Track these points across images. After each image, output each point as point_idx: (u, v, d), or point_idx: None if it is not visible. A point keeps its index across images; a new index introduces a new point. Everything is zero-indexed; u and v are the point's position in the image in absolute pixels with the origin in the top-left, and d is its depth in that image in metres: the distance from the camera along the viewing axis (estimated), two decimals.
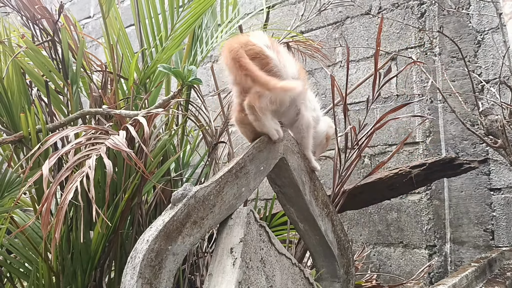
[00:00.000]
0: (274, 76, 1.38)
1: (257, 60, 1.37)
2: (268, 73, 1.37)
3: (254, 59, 1.36)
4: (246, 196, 1.51)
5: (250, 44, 1.38)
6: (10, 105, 1.80)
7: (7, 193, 1.70)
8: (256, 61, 1.36)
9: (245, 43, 1.38)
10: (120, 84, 2.07)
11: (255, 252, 1.44)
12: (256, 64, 1.35)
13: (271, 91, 1.33)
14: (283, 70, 1.42)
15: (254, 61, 1.35)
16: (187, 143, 2.26)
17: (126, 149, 1.35)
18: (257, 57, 1.37)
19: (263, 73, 1.34)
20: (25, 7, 1.85)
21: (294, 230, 1.89)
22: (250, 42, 1.39)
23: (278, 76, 1.40)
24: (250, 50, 1.37)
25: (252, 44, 1.38)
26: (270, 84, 1.32)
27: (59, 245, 1.66)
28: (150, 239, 1.26)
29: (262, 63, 1.38)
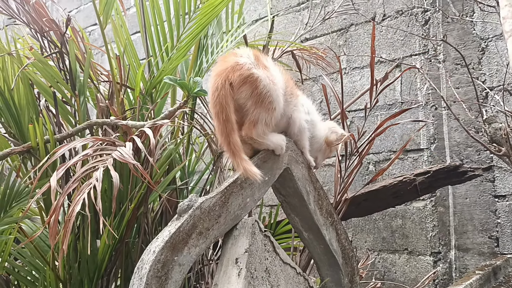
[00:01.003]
0: (265, 97, 1.41)
1: (247, 84, 1.40)
2: (259, 95, 1.40)
3: (244, 84, 1.39)
4: (251, 206, 1.53)
5: (238, 68, 1.40)
6: (19, 116, 1.83)
7: (15, 203, 1.73)
8: (246, 85, 1.39)
9: (233, 67, 1.40)
10: (127, 94, 2.09)
11: (260, 262, 1.45)
12: (247, 88, 1.39)
13: (236, 165, 1.38)
14: (272, 87, 1.44)
15: (244, 85, 1.39)
16: (192, 152, 2.29)
17: (132, 161, 1.37)
18: (247, 82, 1.40)
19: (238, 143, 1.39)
20: (33, 20, 1.88)
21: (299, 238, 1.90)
22: (238, 65, 1.41)
23: (269, 95, 1.43)
24: (239, 76, 1.39)
25: (240, 67, 1.40)
26: (236, 160, 1.38)
27: (66, 254, 1.69)
28: (156, 250, 1.28)
29: (252, 87, 1.41)
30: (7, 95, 1.81)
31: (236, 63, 1.41)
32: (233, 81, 1.39)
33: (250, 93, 1.40)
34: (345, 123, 2.07)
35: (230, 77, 1.38)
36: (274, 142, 1.52)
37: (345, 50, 3.61)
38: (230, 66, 1.40)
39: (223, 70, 1.40)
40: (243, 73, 1.40)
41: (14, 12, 1.93)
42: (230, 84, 1.38)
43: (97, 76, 2.15)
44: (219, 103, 1.37)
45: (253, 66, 1.42)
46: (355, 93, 3.53)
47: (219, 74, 1.40)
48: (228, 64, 1.42)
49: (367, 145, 2.05)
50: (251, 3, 4.19)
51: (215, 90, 1.39)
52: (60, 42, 1.90)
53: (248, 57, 1.45)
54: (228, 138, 1.38)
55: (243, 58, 1.43)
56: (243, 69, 1.40)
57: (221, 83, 1.38)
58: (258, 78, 1.41)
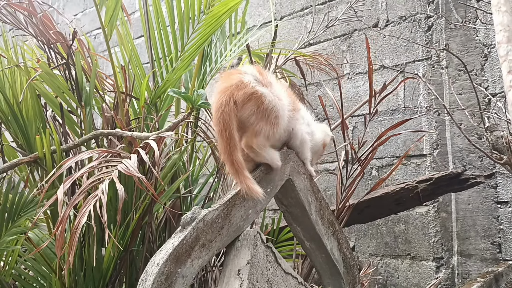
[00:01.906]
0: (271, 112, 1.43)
1: (252, 101, 1.41)
2: (265, 110, 1.42)
3: (249, 101, 1.41)
4: (253, 218, 1.55)
5: (243, 86, 1.42)
6: (26, 126, 1.87)
7: (23, 213, 1.77)
8: (251, 102, 1.41)
9: (237, 85, 1.41)
10: (132, 103, 2.13)
11: (262, 273, 1.48)
12: (252, 104, 1.41)
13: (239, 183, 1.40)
14: (277, 103, 1.47)
15: (249, 102, 1.41)
16: (196, 160, 2.32)
17: (137, 174, 1.40)
18: (252, 99, 1.42)
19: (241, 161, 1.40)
20: (40, 33, 1.92)
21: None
22: (242, 83, 1.42)
23: (275, 110, 1.45)
24: (243, 94, 1.41)
25: (244, 85, 1.42)
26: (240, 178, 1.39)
27: (72, 263, 1.72)
28: (160, 262, 1.31)
29: (257, 103, 1.42)
30: (15, 107, 1.85)
31: (241, 81, 1.43)
32: (238, 99, 1.40)
33: (256, 109, 1.42)
34: (346, 132, 2.09)
35: (234, 95, 1.40)
36: (271, 157, 1.53)
37: (348, 55, 3.63)
38: (235, 84, 1.42)
39: (228, 88, 1.41)
40: (247, 91, 1.41)
41: (22, 24, 1.97)
42: (234, 102, 1.39)
43: (103, 85, 2.18)
44: (223, 121, 1.39)
45: (257, 83, 1.44)
46: (358, 98, 3.55)
47: (223, 91, 1.41)
48: (233, 81, 1.43)
49: (368, 154, 2.07)
50: (255, 7, 4.21)
51: (219, 107, 1.40)
52: (67, 54, 1.94)
53: (252, 74, 1.46)
54: (231, 156, 1.39)
55: (247, 75, 1.45)
56: (248, 88, 1.42)
57: (225, 100, 1.39)
58: (262, 95, 1.43)
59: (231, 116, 1.39)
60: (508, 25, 1.43)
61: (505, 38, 1.44)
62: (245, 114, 1.43)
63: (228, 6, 1.96)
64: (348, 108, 3.52)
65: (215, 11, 1.97)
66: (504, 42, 1.44)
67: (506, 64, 1.44)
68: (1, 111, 1.87)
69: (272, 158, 1.53)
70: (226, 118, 1.39)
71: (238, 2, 1.98)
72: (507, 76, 1.47)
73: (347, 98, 3.56)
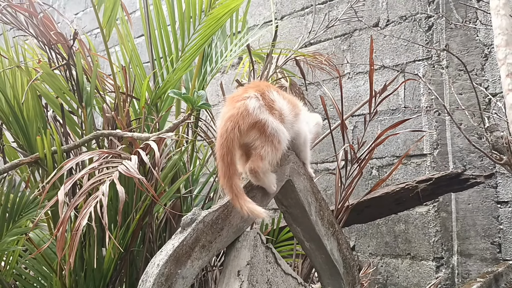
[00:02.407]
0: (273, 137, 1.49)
1: (255, 129, 1.48)
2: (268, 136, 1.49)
3: (253, 128, 1.48)
4: (253, 219, 1.56)
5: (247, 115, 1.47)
6: (27, 127, 1.88)
7: (24, 213, 1.78)
8: (255, 130, 1.48)
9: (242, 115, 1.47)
10: (132, 103, 2.13)
11: (262, 274, 1.49)
12: (255, 132, 1.48)
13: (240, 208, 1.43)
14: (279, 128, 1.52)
15: (253, 130, 1.47)
16: (196, 160, 2.32)
17: (137, 176, 1.41)
18: (255, 127, 1.48)
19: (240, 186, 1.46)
20: (41, 33, 1.92)
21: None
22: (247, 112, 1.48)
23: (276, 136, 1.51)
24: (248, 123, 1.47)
25: (249, 114, 1.47)
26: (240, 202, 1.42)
27: (72, 263, 1.72)
28: (160, 263, 1.32)
29: (260, 130, 1.48)
30: (16, 108, 1.86)
31: (246, 109, 1.48)
32: (242, 128, 1.46)
33: (259, 135, 1.48)
34: (345, 133, 2.09)
35: (240, 124, 1.45)
36: (270, 181, 1.58)
37: (349, 55, 3.63)
38: (240, 113, 1.47)
39: (234, 116, 1.46)
40: (251, 120, 1.47)
41: (23, 25, 1.98)
42: (239, 130, 1.45)
43: (103, 85, 2.18)
44: (226, 146, 1.44)
45: (260, 110, 1.49)
46: (358, 98, 3.55)
47: (229, 119, 1.46)
48: (238, 110, 1.48)
49: (367, 154, 2.07)
50: (256, 7, 4.21)
51: (223, 132, 1.45)
52: (68, 54, 1.94)
53: (257, 98, 1.51)
54: (231, 181, 1.43)
55: (252, 100, 1.49)
56: (251, 117, 1.47)
57: (230, 127, 1.45)
58: (266, 123, 1.49)
59: (234, 143, 1.44)
60: (507, 28, 1.44)
61: (504, 41, 1.44)
62: (250, 139, 1.49)
63: (229, 7, 1.96)
64: (348, 108, 3.53)
65: (215, 12, 1.97)
66: (502, 45, 1.45)
67: (504, 67, 1.45)
68: (2, 111, 1.87)
69: (269, 183, 1.58)
70: (230, 144, 1.44)
71: (238, 4, 1.98)
72: (506, 80, 1.47)
73: (347, 98, 3.57)
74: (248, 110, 1.48)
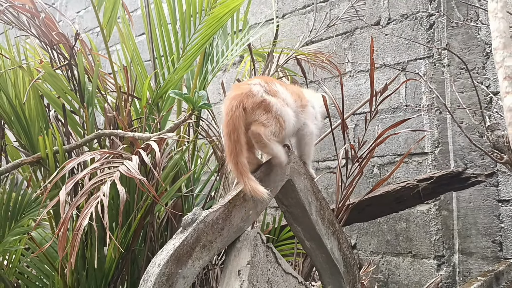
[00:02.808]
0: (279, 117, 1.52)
1: (261, 108, 1.50)
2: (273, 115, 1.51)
3: (258, 108, 1.49)
4: (253, 218, 1.57)
5: (252, 95, 1.50)
6: (29, 127, 1.89)
7: (26, 213, 1.79)
8: (260, 109, 1.49)
9: (247, 94, 1.50)
10: (134, 103, 2.14)
11: (262, 273, 1.50)
12: (262, 110, 1.49)
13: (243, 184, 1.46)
14: (284, 109, 1.54)
15: (258, 109, 1.49)
16: (197, 159, 2.33)
17: (138, 177, 1.42)
18: (261, 106, 1.50)
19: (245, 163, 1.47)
20: (43, 34, 1.93)
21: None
22: (251, 92, 1.51)
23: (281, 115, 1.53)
24: (253, 102, 1.50)
25: (253, 94, 1.50)
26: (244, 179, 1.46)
27: (74, 262, 1.74)
28: (161, 263, 1.33)
29: (266, 109, 1.50)
30: (18, 108, 1.87)
31: (250, 90, 1.51)
32: (247, 106, 1.48)
33: (265, 112, 1.50)
34: (346, 133, 2.10)
35: (244, 102, 1.47)
36: (278, 150, 1.57)
37: (350, 53, 3.63)
38: (245, 93, 1.50)
39: (238, 95, 1.49)
40: (256, 100, 1.50)
41: (25, 25, 1.99)
42: (244, 108, 1.47)
43: (105, 85, 2.19)
44: (232, 123, 1.46)
45: (265, 93, 1.52)
46: (360, 96, 3.55)
47: (234, 98, 1.49)
48: (243, 90, 1.51)
49: (368, 154, 2.08)
50: (257, 5, 4.21)
51: (229, 110, 1.47)
52: (69, 55, 1.95)
53: (261, 85, 1.54)
54: (236, 158, 1.45)
55: (256, 86, 1.53)
56: (257, 96, 1.50)
57: (235, 105, 1.47)
58: (270, 103, 1.51)
59: (240, 120, 1.46)
60: (504, 31, 1.44)
61: (501, 44, 1.44)
62: (256, 117, 1.51)
63: (229, 7, 1.97)
64: (350, 106, 3.53)
65: (216, 12, 1.98)
66: (500, 48, 1.45)
67: (502, 70, 1.45)
68: (4, 111, 1.88)
69: (278, 151, 1.57)
70: (236, 121, 1.46)
71: (239, 3, 1.98)
72: (503, 82, 1.47)
73: (348, 96, 3.57)
74: (252, 91, 1.51)
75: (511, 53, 1.44)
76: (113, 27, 1.95)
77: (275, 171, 1.62)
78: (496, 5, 1.49)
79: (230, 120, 1.46)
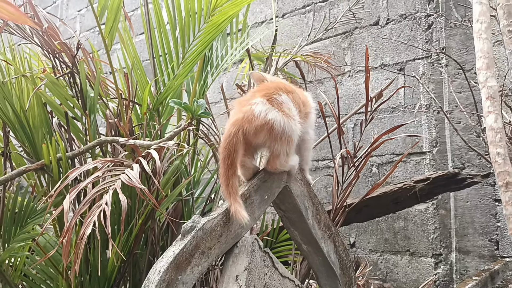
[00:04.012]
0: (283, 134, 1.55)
1: (264, 131, 1.54)
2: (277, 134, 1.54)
3: (261, 131, 1.53)
4: (251, 224, 1.61)
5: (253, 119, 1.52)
6: (33, 134, 1.94)
7: (30, 219, 1.84)
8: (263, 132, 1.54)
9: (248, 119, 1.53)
10: (135, 109, 2.19)
11: (259, 278, 1.55)
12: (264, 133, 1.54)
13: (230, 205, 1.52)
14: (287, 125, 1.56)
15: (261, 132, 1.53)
16: (197, 162, 2.38)
17: (139, 186, 1.47)
18: (264, 129, 1.54)
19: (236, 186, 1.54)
20: (46, 43, 1.98)
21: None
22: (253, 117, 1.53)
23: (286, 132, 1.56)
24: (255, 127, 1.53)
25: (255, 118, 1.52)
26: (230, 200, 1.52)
27: (78, 267, 1.79)
28: (161, 270, 1.38)
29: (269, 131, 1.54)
30: (22, 116, 1.92)
31: (252, 113, 1.52)
32: (249, 131, 1.52)
33: (268, 135, 1.54)
34: (342, 138, 2.14)
35: (245, 128, 1.51)
36: (293, 163, 1.68)
37: (349, 53, 3.66)
38: (246, 117, 1.52)
39: (238, 121, 1.52)
40: (258, 123, 1.52)
41: (28, 35, 2.03)
42: (244, 134, 1.52)
43: (106, 90, 2.24)
44: (228, 149, 1.51)
45: (267, 112, 1.53)
46: (359, 96, 3.58)
47: (234, 124, 1.53)
48: (244, 113, 1.53)
49: (363, 159, 2.12)
50: (257, 4, 4.24)
51: (227, 137, 1.52)
52: (71, 63, 2.00)
53: (263, 103, 1.55)
54: (228, 181, 1.51)
55: (258, 106, 1.54)
56: (258, 119, 1.52)
57: (234, 131, 1.51)
58: (273, 122, 1.53)
59: (237, 147, 1.52)
60: (488, 52, 1.48)
61: (485, 64, 1.48)
62: (260, 141, 1.56)
63: (228, 14, 2.01)
64: (349, 105, 3.57)
65: (215, 20, 2.02)
66: (483, 68, 1.48)
67: (485, 90, 1.49)
68: (9, 120, 1.93)
69: (294, 164, 1.68)
70: (232, 148, 1.51)
71: (237, 11, 2.02)
72: (486, 102, 1.51)
73: (348, 96, 3.61)
74: (254, 114, 1.53)
75: (494, 73, 1.49)
76: (115, 37, 2.00)
77: (272, 177, 1.66)
78: (481, 26, 1.53)
79: (227, 147, 1.51)
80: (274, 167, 1.62)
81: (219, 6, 2.03)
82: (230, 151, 1.51)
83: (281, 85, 1.69)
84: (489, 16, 1.62)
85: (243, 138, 1.52)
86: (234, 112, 1.58)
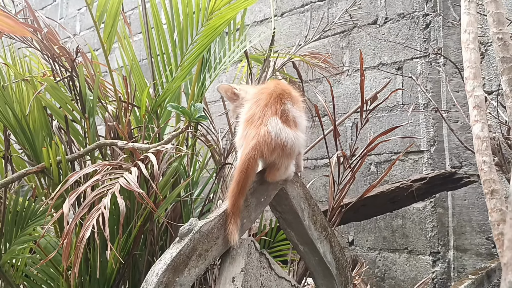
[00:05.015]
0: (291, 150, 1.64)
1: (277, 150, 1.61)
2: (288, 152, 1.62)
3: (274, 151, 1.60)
4: (247, 226, 1.65)
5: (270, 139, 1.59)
6: (33, 138, 1.97)
7: (31, 222, 1.87)
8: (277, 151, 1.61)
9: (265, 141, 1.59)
10: (134, 111, 2.21)
11: (256, 279, 1.58)
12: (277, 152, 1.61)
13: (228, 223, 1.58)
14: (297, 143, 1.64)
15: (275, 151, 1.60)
16: (196, 163, 2.40)
17: (137, 190, 1.50)
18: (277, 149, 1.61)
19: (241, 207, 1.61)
20: (45, 47, 2.00)
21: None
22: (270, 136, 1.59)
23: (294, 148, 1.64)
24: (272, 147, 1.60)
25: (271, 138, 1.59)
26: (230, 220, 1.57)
27: (78, 268, 1.82)
28: (159, 272, 1.41)
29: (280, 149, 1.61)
30: (23, 121, 1.95)
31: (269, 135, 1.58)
32: (266, 153, 1.58)
33: (281, 153, 1.62)
34: (338, 140, 2.16)
35: (263, 150, 1.58)
36: (291, 172, 1.74)
37: (348, 52, 3.68)
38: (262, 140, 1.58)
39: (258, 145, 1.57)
40: (274, 145, 1.59)
41: (27, 40, 2.06)
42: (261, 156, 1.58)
43: (105, 93, 2.26)
44: (244, 173, 1.57)
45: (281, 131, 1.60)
46: (357, 95, 3.60)
47: (254, 148, 1.57)
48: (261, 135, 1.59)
49: (359, 160, 2.15)
50: (256, 4, 4.24)
51: (246, 160, 1.57)
52: (71, 67, 2.02)
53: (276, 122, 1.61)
54: (236, 200, 1.57)
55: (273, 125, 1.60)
56: (275, 141, 1.59)
57: (253, 156, 1.57)
58: (286, 142, 1.60)
59: (254, 170, 1.60)
60: (475, 62, 1.50)
61: (472, 74, 1.50)
62: (273, 159, 1.63)
63: (225, 18, 2.03)
64: (347, 104, 3.59)
65: (212, 23, 2.04)
66: (471, 78, 1.50)
67: (472, 99, 1.51)
68: (10, 124, 1.96)
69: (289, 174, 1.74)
70: (249, 171, 1.58)
71: (234, 15, 2.04)
72: (472, 111, 1.54)
73: (346, 95, 3.63)
74: (271, 135, 1.59)
75: (480, 83, 1.51)
76: (113, 41, 2.02)
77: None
78: (468, 36, 1.55)
79: (244, 169, 1.57)
80: (274, 179, 1.69)
81: (216, 10, 2.05)
82: (246, 175, 1.57)
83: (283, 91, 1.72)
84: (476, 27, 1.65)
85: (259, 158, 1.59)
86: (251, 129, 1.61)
